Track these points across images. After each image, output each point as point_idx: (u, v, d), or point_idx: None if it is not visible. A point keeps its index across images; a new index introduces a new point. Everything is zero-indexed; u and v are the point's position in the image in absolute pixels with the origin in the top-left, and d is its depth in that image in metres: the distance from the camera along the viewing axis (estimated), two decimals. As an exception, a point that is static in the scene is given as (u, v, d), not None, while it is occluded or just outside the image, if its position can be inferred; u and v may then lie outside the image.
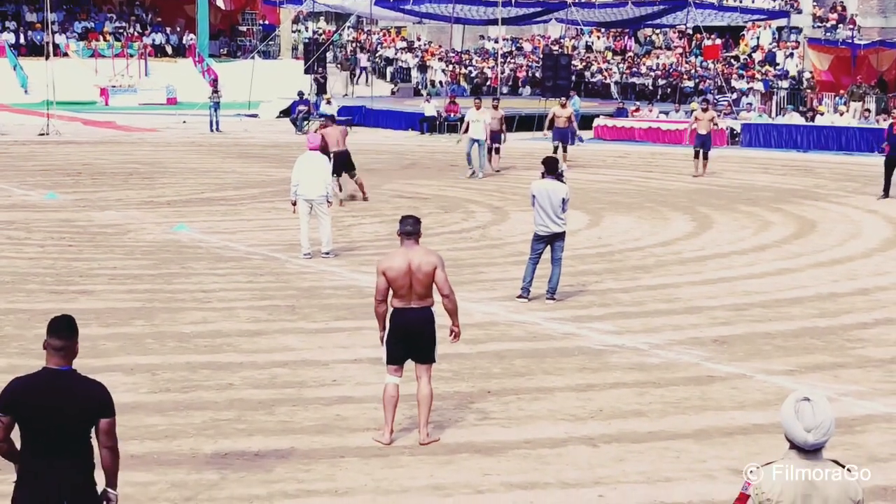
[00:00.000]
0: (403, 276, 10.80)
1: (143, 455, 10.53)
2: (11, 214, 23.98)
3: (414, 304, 10.89)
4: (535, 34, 69.29)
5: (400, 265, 10.83)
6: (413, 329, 10.96)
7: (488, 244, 21.95)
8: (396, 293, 10.87)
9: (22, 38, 55.96)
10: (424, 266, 10.85)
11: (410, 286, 10.84)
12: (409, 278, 10.82)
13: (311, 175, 19.59)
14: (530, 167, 20.63)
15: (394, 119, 47.19)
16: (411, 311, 10.90)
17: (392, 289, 10.84)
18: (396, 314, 10.92)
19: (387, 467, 10.35)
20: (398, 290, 10.85)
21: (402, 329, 10.93)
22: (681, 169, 33.40)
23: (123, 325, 15.20)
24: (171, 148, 38.42)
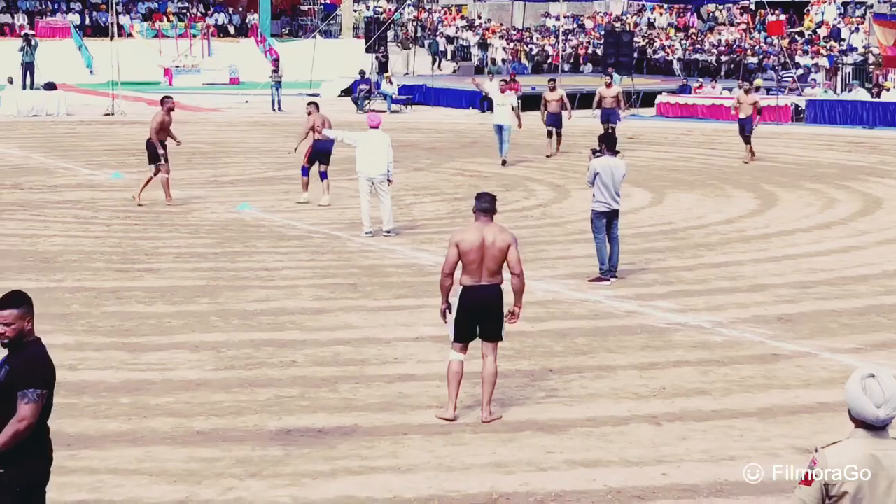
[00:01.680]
0: (476, 250, 10.84)
1: (209, 431, 10.62)
2: (78, 194, 24.22)
3: (485, 281, 10.91)
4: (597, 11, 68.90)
5: (474, 239, 10.87)
6: (484, 307, 10.96)
7: (549, 222, 21.90)
8: (467, 268, 10.88)
9: (87, 20, 56.35)
10: (499, 242, 10.88)
11: (482, 262, 10.86)
12: (482, 253, 10.85)
13: (373, 153, 19.62)
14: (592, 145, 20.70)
15: (454, 97, 47.10)
16: (482, 289, 10.92)
17: (463, 263, 10.88)
18: (467, 292, 10.92)
19: (449, 444, 10.37)
20: (469, 265, 10.86)
21: (474, 306, 10.94)
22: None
23: (188, 303, 15.32)
24: (234, 127, 38.62)
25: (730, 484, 9.51)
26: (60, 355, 12.78)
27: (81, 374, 12.24)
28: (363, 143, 19.85)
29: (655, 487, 9.46)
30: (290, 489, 9.37)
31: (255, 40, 54.83)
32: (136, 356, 12.95)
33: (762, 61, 52.91)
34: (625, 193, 20.53)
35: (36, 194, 24.42)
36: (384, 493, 9.29)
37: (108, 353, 13.04)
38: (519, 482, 9.53)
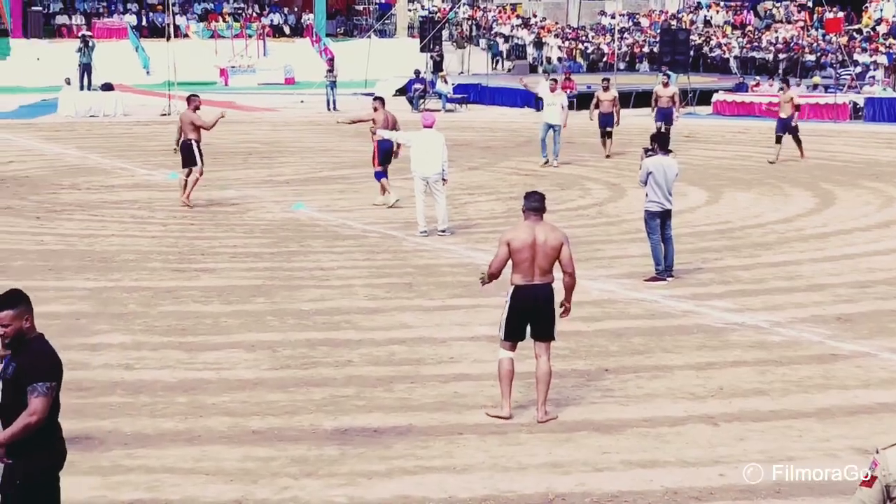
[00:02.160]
0: (528, 248, 10.82)
1: (265, 431, 10.66)
2: (135, 194, 24.38)
3: (537, 280, 10.89)
4: (653, 9, 68.59)
5: (525, 237, 10.86)
6: (535, 306, 10.95)
7: (605, 221, 21.84)
8: (518, 267, 10.87)
9: (144, 20, 56.79)
10: (550, 241, 10.88)
11: (533, 260, 10.84)
12: (533, 252, 10.84)
13: (427, 153, 19.63)
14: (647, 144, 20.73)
15: (509, 96, 47.05)
16: (534, 288, 10.90)
17: (514, 262, 10.86)
18: (519, 290, 10.90)
19: (504, 444, 10.35)
20: (520, 264, 10.85)
21: (526, 306, 10.92)
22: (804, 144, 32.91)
23: (244, 303, 15.39)
24: (290, 127, 38.77)
25: (788, 485, 9.43)
26: (117, 355, 12.93)
27: (138, 374, 12.32)
28: (417, 142, 19.88)
29: (713, 488, 9.41)
30: (345, 489, 9.39)
31: (310, 40, 55.04)
32: (193, 355, 13.02)
33: (820, 59, 52.49)
34: (681, 192, 20.51)
35: (94, 194, 24.62)
36: (439, 494, 9.29)
37: (165, 352, 13.12)
38: (575, 483, 9.51)
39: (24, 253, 18.44)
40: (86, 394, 11.54)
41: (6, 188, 25.19)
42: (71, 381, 11.92)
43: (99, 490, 9.36)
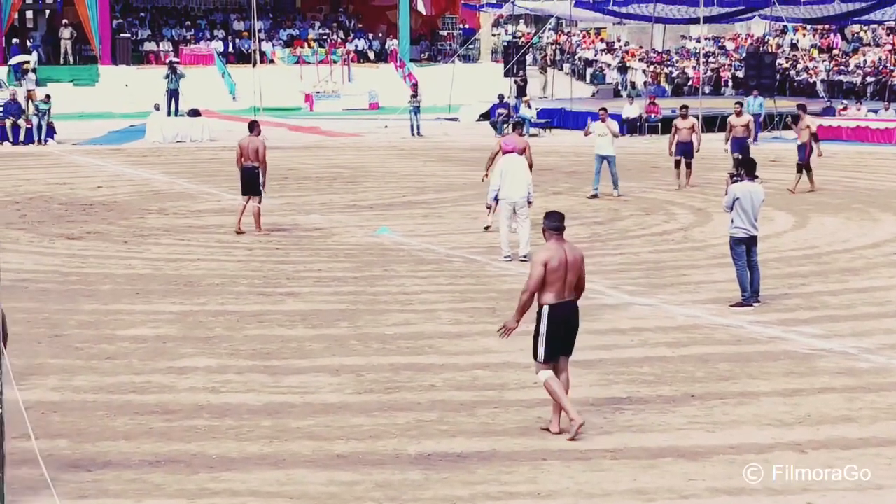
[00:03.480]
0: (561, 267, 11.05)
1: (349, 455, 10.68)
2: (221, 219, 24.60)
3: (567, 297, 11.16)
4: (738, 33, 68.26)
5: (560, 256, 11.09)
6: (572, 323, 11.26)
7: (691, 246, 21.70)
8: (551, 287, 11.06)
9: (230, 47, 57.39)
10: (578, 258, 11.21)
11: (565, 279, 11.08)
12: (565, 271, 11.07)
13: (512, 177, 19.59)
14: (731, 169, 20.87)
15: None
16: (568, 305, 11.19)
17: (547, 282, 11.03)
18: (556, 309, 11.10)
19: (589, 471, 10.30)
20: (553, 283, 11.06)
21: (564, 323, 11.18)
22: (890, 168, 32.58)
23: (328, 327, 15.45)
24: (374, 152, 38.96)
25: (876, 514, 9.32)
26: (203, 378, 13.03)
27: (224, 397, 12.41)
28: (501, 168, 19.82)
29: (800, 517, 9.31)
30: (428, 514, 9.40)
31: (394, 65, 55.34)
32: (278, 379, 13.09)
33: (909, 82, 51.95)
34: (767, 217, 20.33)
35: (180, 219, 24.89)
36: (523, 519, 9.27)
37: (250, 375, 13.20)
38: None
39: (112, 277, 18.68)
40: (172, 417, 11.64)
41: (95, 213, 25.54)
42: (157, 404, 12.09)
43: (185, 512, 9.44)
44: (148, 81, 48.66)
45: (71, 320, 15.80)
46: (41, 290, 17.55)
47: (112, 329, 15.23)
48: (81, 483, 9.91)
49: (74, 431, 11.25)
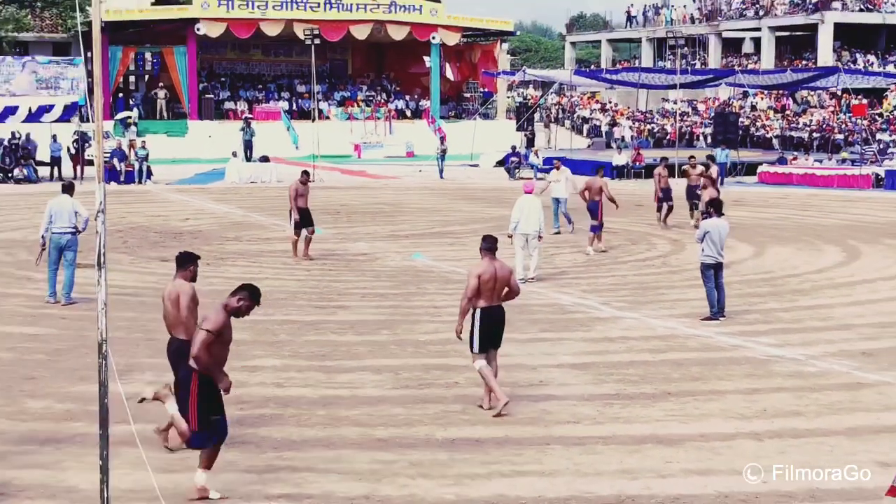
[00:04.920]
0: (492, 279, 11.47)
1: (388, 439, 10.67)
2: (286, 245, 24.57)
3: (496, 302, 11.57)
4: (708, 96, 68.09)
5: (491, 270, 11.50)
6: (499, 322, 11.66)
7: (668, 270, 21.63)
8: (483, 294, 11.46)
9: (294, 105, 57.60)
10: (506, 273, 11.67)
11: (494, 288, 11.48)
12: (494, 282, 11.47)
13: (528, 214, 19.57)
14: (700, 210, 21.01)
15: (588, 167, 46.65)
16: (497, 308, 11.60)
17: (480, 291, 11.43)
18: (486, 311, 11.54)
19: (585, 454, 10.26)
20: (485, 292, 11.47)
21: (492, 323, 11.58)
22: (833, 208, 32.43)
23: (372, 334, 15.45)
24: (410, 191, 38.99)
25: (822, 491, 9.24)
26: (270, 375, 13.04)
27: (287, 391, 12.42)
28: (520, 205, 19.76)
29: (758, 493, 9.23)
30: (453, 488, 9.36)
31: (426, 121, 55.41)
32: (331, 376, 13.10)
33: (847, 137, 51.70)
34: (731, 247, 20.24)
35: (253, 245, 24.93)
36: (531, 493, 9.22)
37: (308, 373, 13.21)
38: (642, 486, 9.39)
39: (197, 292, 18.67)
40: (244, 406, 11.66)
41: (183, 240, 25.59)
42: (232, 396, 12.02)
43: (255, 485, 9.43)
44: (227, 133, 48.85)
45: (163, 327, 15.78)
46: (139, 302, 17.61)
47: (196, 334, 15.25)
48: (170, 460, 9.93)
49: (165, 418, 11.25)
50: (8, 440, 10.56)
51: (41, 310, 17.00)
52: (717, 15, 72.28)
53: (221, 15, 53.23)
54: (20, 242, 24.25)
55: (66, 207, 17.30)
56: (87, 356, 13.33)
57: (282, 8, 54.37)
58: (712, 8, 73.19)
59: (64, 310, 16.98)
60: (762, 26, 67.66)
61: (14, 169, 40.29)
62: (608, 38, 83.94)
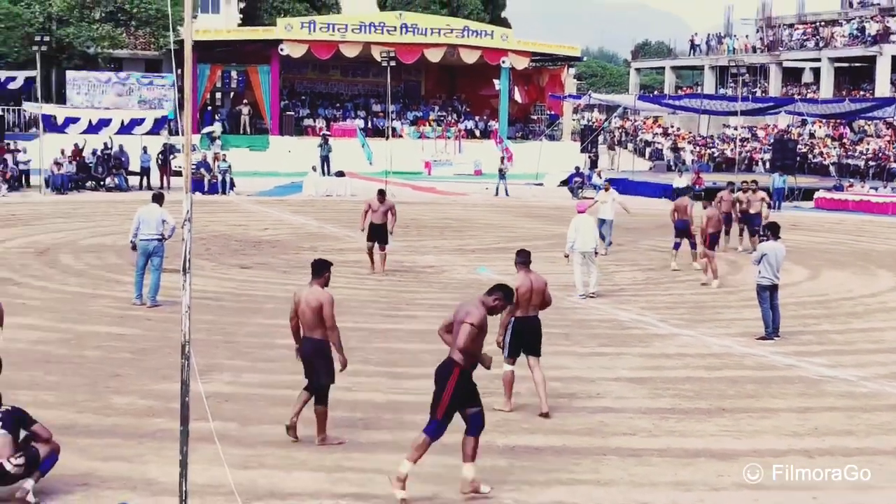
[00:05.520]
0: (528, 291, 11.72)
1: (452, 444, 10.59)
2: (358, 256, 24.70)
3: (531, 312, 11.80)
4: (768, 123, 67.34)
5: (528, 283, 11.77)
6: (534, 331, 11.85)
7: (725, 290, 21.39)
8: (520, 305, 11.66)
9: (369, 123, 57.91)
10: (541, 284, 11.85)
11: (529, 300, 11.72)
12: (530, 294, 11.71)
13: (584, 233, 19.52)
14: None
15: (650, 189, 46.59)
16: (532, 318, 11.83)
17: (518, 302, 11.60)
18: (520, 321, 11.76)
19: (640, 465, 10.18)
20: (522, 303, 11.68)
21: (526, 331, 11.81)
22: (887, 234, 31.89)
23: (438, 343, 15.29)
24: (476, 208, 38.99)
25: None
26: (341, 379, 12.98)
27: (356, 395, 12.46)
28: (575, 225, 19.72)
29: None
30: (512, 493, 9.34)
31: (494, 141, 55.40)
32: (398, 382, 13.12)
33: (903, 166, 50.87)
34: (786, 269, 19.95)
35: (327, 255, 24.91)
36: (587, 501, 9.18)
37: (377, 379, 13.25)
38: (696, 499, 9.30)
39: (274, 298, 18.86)
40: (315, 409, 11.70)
41: (262, 249, 25.86)
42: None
43: (323, 484, 9.48)
44: (306, 149, 49.27)
45: (241, 330, 16.00)
46: (219, 306, 17.81)
47: (272, 338, 15.37)
48: (245, 457, 10.01)
49: (241, 417, 11.37)
50: (93, 433, 10.73)
51: (128, 311, 17.26)
52: (779, 45, 71.54)
53: (304, 37, 53.74)
54: (109, 247, 24.64)
55: (154, 215, 17.57)
56: (170, 356, 13.51)
57: (360, 31, 54.76)
58: (774, 38, 72.45)
59: (149, 312, 17.22)
60: (822, 57, 66.81)
61: (106, 178, 40.97)
62: (672, 64, 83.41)
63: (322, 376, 10.37)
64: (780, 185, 39.94)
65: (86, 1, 55.82)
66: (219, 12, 65.79)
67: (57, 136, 41.60)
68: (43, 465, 8.94)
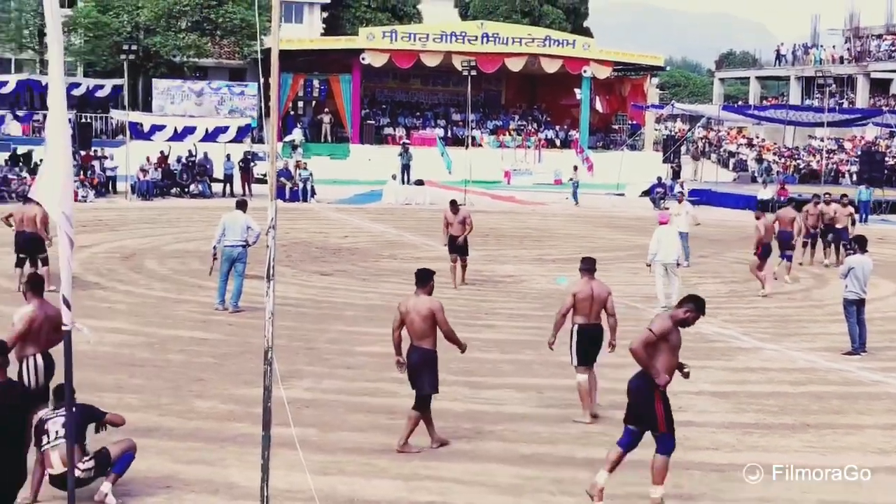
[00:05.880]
0: (588, 298, 11.83)
1: (531, 455, 10.63)
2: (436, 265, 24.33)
3: (593, 320, 11.86)
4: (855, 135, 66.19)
5: (587, 290, 11.86)
6: (595, 341, 12.00)
7: (811, 304, 21.05)
8: (579, 312, 11.80)
9: (449, 133, 58.08)
10: (603, 293, 11.92)
11: (591, 307, 11.78)
12: (591, 301, 11.79)
13: (667, 244, 19.37)
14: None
15: (733, 200, 46.01)
16: (594, 327, 11.90)
17: (576, 308, 11.78)
18: (582, 329, 11.89)
19: (723, 480, 10.05)
20: (582, 310, 11.78)
21: (588, 340, 11.91)
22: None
23: (517, 353, 15.44)
24: (556, 218, 38.86)
25: None
26: (420, 387, 13.10)
27: (434, 403, 12.37)
28: (658, 236, 19.58)
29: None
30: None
31: (575, 151, 55.21)
32: (476, 392, 13.12)
33: None
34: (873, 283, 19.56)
35: (406, 263, 25.15)
36: (668, 515, 9.08)
37: (455, 388, 13.25)
38: (779, 516, 9.16)
39: (353, 305, 19.01)
40: (394, 416, 11.76)
41: (342, 256, 26.05)
42: (384, 405, 12.24)
43: (401, 492, 9.51)
44: (386, 157, 49.55)
45: (321, 337, 16.13)
46: (300, 312, 17.97)
47: (352, 345, 15.49)
48: (325, 463, 10.09)
49: (321, 422, 11.46)
50: (175, 436, 10.89)
51: (210, 316, 17.50)
52: (866, 56, 70.32)
53: (385, 46, 54.11)
54: (193, 253, 25.02)
55: (238, 222, 17.80)
56: (251, 361, 13.67)
57: (441, 41, 54.97)
58: (861, 49, 71.24)
59: (231, 317, 17.44)
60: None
61: (190, 184, 41.65)
62: (756, 75, 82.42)
63: (426, 385, 10.59)
64: (867, 198, 39.19)
65: (173, 10, 56.80)
66: (302, 22, 66.46)
67: (143, 143, 42.39)
68: (117, 466, 9.02)
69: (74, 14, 56.55)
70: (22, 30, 57.27)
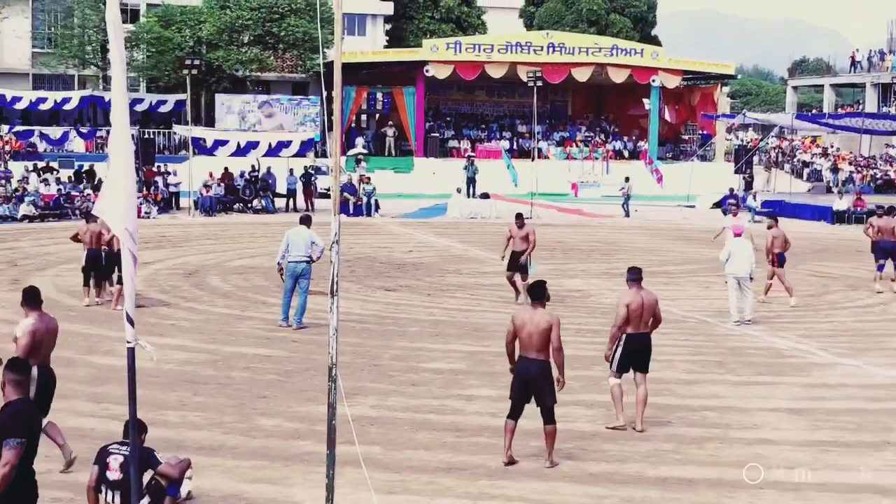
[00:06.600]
0: (639, 307, 12.12)
1: (599, 473, 10.56)
2: (502, 279, 24.77)
3: (642, 329, 12.23)
4: (935, 142, 65.09)
5: (638, 300, 12.17)
6: (644, 348, 12.27)
7: (889, 318, 20.68)
8: (631, 321, 12.09)
9: (514, 145, 58.10)
10: (652, 301, 12.28)
11: (641, 316, 12.10)
12: (641, 311, 12.14)
13: (739, 257, 19.15)
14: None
15: (808, 211, 45.47)
16: (643, 336, 12.25)
17: (630, 318, 12.07)
18: (631, 337, 12.17)
19: (798, 500, 9.91)
20: (633, 320, 12.10)
21: (636, 348, 12.17)
22: None
23: (585, 369, 15.32)
24: (625, 231, 38.64)
25: None
26: (486, 405, 13.11)
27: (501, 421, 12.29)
28: (729, 248, 19.39)
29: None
30: (663, 526, 9.19)
31: (643, 162, 54.92)
32: (544, 409, 13.03)
33: None
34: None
35: (471, 278, 25.18)
36: (742, 537, 8.96)
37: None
38: (859, 537, 9.00)
39: (418, 321, 19.04)
40: (460, 434, 11.76)
41: (406, 271, 26.12)
42: (450, 423, 12.24)
43: (468, 510, 9.48)
44: (450, 170, 49.68)
45: (386, 353, 16.17)
46: (364, 329, 18.05)
47: (417, 362, 15.51)
48: (390, 482, 10.10)
49: (386, 440, 11.48)
50: (240, 455, 10.97)
51: (274, 333, 17.64)
52: (946, 60, 69.14)
53: (449, 58, 54.31)
54: (256, 269, 25.25)
55: (303, 237, 17.92)
56: (316, 378, 13.75)
57: (506, 51, 55.05)
58: (941, 52, 70.06)
59: (295, 333, 17.57)
60: None
61: (253, 200, 42.09)
62: (831, 82, 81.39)
63: (548, 397, 10.81)
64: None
65: (235, 25, 57.53)
66: (365, 34, 67.00)
67: (206, 158, 42.93)
68: (171, 488, 8.91)
69: (137, 29, 57.53)
70: (85, 46, 58.34)
